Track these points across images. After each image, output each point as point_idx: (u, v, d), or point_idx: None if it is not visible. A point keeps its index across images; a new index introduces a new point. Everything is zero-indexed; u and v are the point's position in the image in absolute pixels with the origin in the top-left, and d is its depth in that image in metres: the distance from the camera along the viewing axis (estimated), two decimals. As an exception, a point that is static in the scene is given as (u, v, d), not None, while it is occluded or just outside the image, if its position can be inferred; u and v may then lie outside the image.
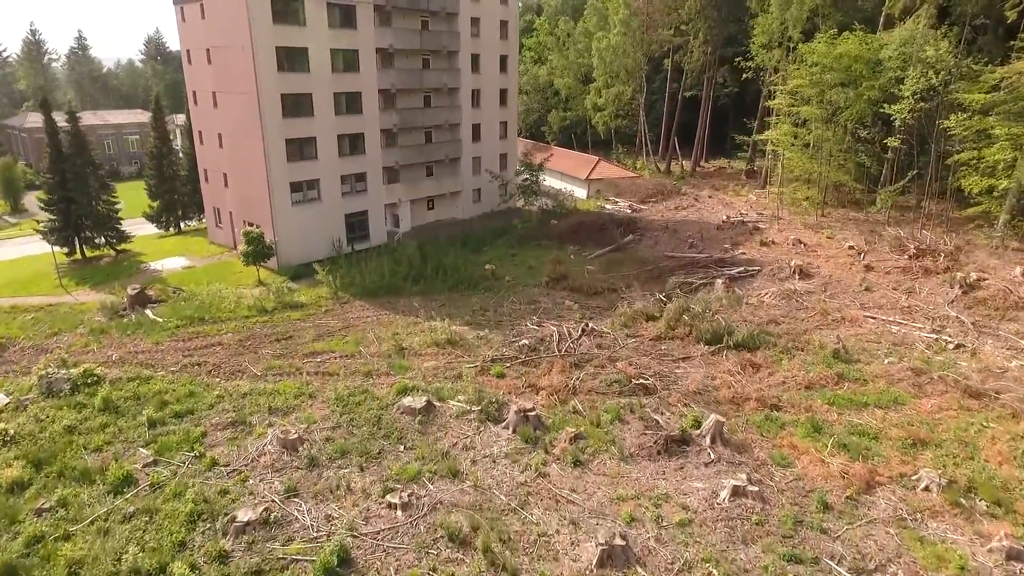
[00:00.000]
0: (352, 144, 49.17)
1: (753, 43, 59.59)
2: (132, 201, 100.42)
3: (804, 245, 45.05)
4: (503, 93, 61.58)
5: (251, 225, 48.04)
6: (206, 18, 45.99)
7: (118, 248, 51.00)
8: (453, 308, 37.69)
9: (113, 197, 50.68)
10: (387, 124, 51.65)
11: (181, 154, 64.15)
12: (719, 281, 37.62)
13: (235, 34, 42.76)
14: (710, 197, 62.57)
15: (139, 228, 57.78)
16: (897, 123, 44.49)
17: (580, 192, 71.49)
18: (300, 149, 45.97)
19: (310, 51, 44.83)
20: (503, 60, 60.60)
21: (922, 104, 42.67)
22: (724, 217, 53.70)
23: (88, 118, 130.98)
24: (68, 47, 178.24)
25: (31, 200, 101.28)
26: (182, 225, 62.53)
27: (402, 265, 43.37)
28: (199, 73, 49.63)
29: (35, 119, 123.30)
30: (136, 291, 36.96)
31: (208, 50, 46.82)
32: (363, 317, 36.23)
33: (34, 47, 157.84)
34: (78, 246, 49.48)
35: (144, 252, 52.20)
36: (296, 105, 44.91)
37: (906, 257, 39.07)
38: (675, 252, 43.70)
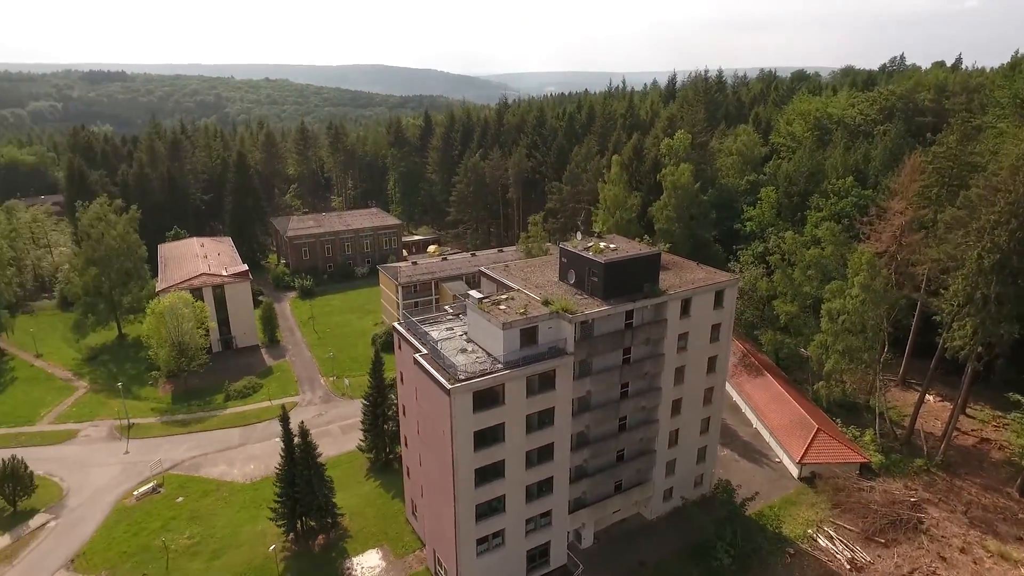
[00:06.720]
0: (540, 490, 48.72)
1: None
2: (356, 331, 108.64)
3: None
4: (708, 392, 56.58)
5: (437, 558, 50.61)
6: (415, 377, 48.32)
7: (331, 529, 56.87)
8: None
9: (328, 484, 56.36)
10: (578, 460, 50.40)
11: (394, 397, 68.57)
12: None
13: (437, 415, 44.46)
14: (962, 552, 50.88)
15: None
16: None
17: (790, 465, 63.35)
18: (489, 507, 46.71)
19: (507, 424, 45.08)
20: (711, 361, 55.53)
21: None
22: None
23: (332, 222, 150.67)
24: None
25: (285, 311, 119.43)
26: (391, 453, 67.75)
27: None
28: (408, 390, 52.73)
29: (296, 226, 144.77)
30: None
31: (416, 392, 49.44)
32: None
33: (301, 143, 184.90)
34: (298, 528, 56.14)
35: (351, 531, 57.48)
36: (490, 473, 45.58)
37: None
38: None
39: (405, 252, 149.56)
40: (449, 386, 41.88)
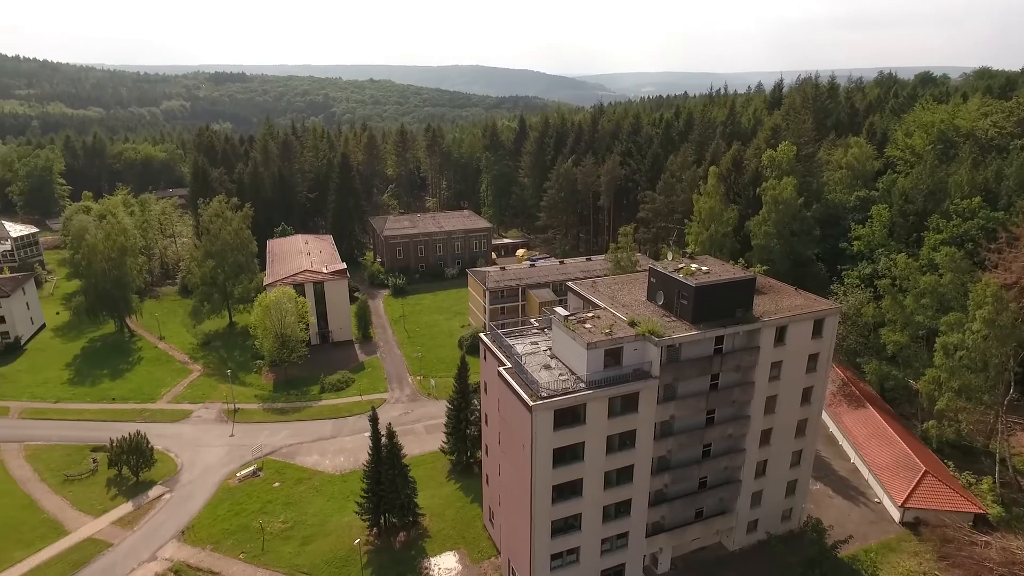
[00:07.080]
0: (617, 511, 48.28)
1: None
2: (444, 332, 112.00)
3: None
4: (802, 424, 53.76)
5: (512, 568, 51.26)
6: (498, 389, 49.17)
7: (411, 527, 58.91)
8: None
9: (411, 484, 58.35)
10: (658, 485, 49.44)
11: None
12: None
13: (518, 429, 45.02)
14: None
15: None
16: None
17: (891, 507, 58.99)
18: (565, 524, 46.79)
19: (587, 444, 44.94)
20: (807, 392, 52.74)
21: None
22: None
23: (426, 223, 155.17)
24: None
25: (379, 309, 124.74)
26: (472, 457, 69.06)
27: None
28: (491, 401, 53.75)
29: (392, 226, 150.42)
30: None
31: (499, 403, 50.28)
32: None
33: (402, 143, 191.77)
34: (381, 523, 58.53)
35: (430, 531, 59.25)
36: (567, 491, 45.64)
37: None
38: None
39: (494, 255, 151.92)
40: (531, 403, 42.30)
